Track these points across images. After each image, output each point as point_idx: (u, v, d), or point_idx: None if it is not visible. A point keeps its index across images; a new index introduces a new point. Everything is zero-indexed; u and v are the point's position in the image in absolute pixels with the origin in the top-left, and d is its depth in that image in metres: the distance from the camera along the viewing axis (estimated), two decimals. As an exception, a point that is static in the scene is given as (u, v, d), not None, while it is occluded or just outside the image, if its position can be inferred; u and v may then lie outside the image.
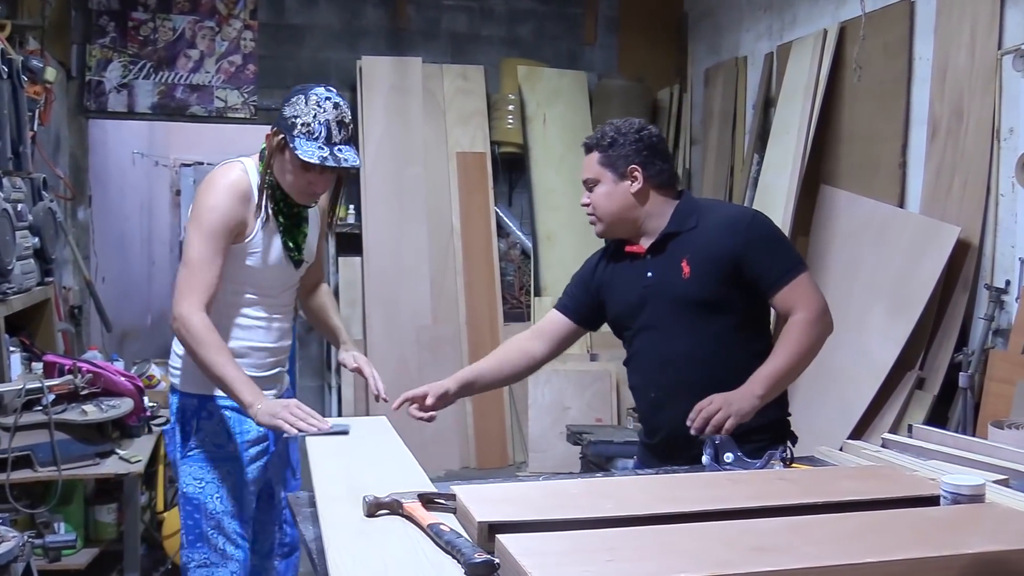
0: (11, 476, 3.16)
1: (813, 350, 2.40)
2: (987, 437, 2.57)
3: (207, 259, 2.40)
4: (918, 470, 2.07)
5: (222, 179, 2.49)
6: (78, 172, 6.15)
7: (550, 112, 6.66)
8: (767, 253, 2.41)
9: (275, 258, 2.58)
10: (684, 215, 2.49)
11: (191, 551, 2.59)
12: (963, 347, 3.99)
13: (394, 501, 1.68)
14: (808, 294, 2.40)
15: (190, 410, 2.58)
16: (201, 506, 2.57)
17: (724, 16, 6.32)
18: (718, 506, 1.66)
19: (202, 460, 2.57)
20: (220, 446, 2.58)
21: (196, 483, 2.57)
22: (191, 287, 2.39)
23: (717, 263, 2.40)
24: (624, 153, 2.47)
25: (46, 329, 4.32)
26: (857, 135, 4.83)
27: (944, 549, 1.41)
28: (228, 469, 2.58)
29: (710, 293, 2.42)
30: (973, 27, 4.05)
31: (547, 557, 1.34)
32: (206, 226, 2.42)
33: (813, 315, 2.38)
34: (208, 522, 2.57)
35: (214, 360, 2.35)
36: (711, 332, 2.43)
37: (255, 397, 2.34)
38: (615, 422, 5.97)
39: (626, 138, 2.48)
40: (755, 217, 2.48)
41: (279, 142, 2.47)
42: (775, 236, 2.46)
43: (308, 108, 2.43)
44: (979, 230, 3.98)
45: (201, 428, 2.58)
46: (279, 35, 6.42)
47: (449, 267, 6.35)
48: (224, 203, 2.45)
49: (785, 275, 2.39)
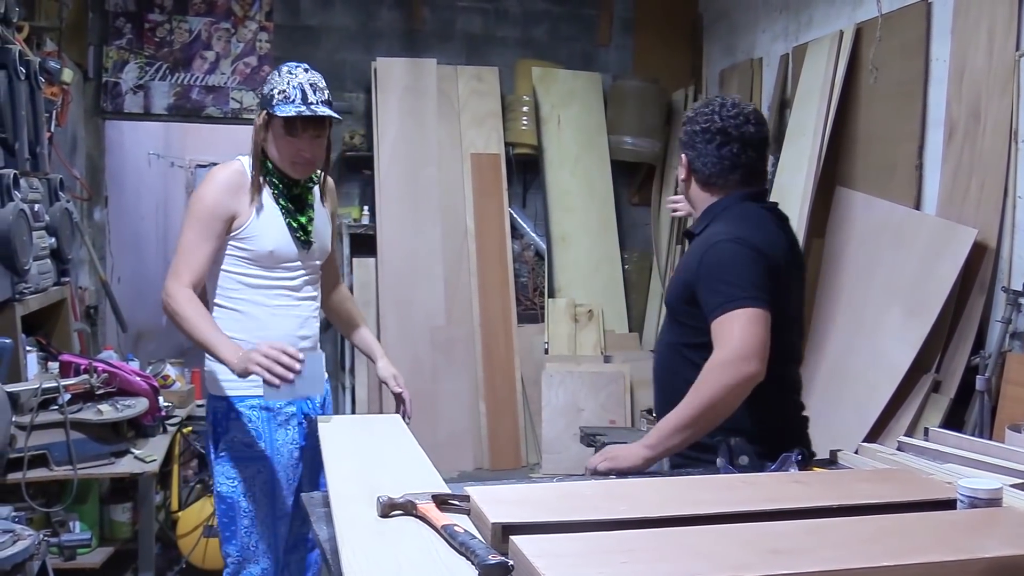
0: (27, 475, 3.17)
1: (720, 403, 2.18)
2: (1004, 441, 2.53)
3: (193, 243, 2.55)
4: (934, 473, 2.06)
5: (217, 173, 2.65)
6: (94, 173, 6.19)
7: (565, 113, 6.68)
8: (709, 282, 2.26)
9: (281, 240, 2.66)
10: (705, 217, 2.44)
11: (227, 547, 2.68)
12: (980, 350, 3.97)
13: (408, 502, 1.68)
14: (729, 334, 2.18)
15: (220, 412, 2.67)
16: (235, 504, 2.65)
17: (739, 17, 6.31)
18: (734, 508, 1.65)
19: (233, 460, 2.66)
20: (249, 446, 2.65)
21: (229, 482, 2.66)
22: (177, 268, 2.53)
23: (687, 277, 2.36)
24: (681, 139, 2.45)
25: (62, 329, 4.34)
26: (873, 137, 4.82)
27: (961, 553, 1.40)
28: (259, 468, 2.66)
29: (674, 302, 2.42)
30: (991, 28, 4.03)
31: (561, 559, 1.34)
32: (193, 213, 2.59)
33: (723, 358, 2.17)
34: (243, 520, 2.65)
35: (194, 325, 2.45)
36: (673, 339, 2.43)
37: (234, 352, 2.40)
38: (629, 424, 5.98)
39: (692, 123, 2.41)
40: (716, 245, 2.30)
41: (263, 119, 2.61)
42: (723, 267, 2.26)
43: (281, 78, 2.59)
44: (996, 232, 3.97)
45: (231, 428, 2.66)
46: (294, 36, 6.45)
47: (463, 268, 6.36)
48: (212, 194, 2.60)
49: (716, 309, 2.22)
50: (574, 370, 6.16)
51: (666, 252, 6.77)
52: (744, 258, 2.25)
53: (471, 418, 6.18)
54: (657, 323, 6.65)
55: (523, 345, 6.40)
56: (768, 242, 2.34)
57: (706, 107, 2.42)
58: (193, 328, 2.45)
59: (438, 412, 6.05)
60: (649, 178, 6.99)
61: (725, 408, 2.18)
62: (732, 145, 2.38)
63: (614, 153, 6.72)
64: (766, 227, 2.39)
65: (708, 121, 2.38)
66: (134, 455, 3.54)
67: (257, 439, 2.66)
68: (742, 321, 2.17)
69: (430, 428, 5.75)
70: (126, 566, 3.81)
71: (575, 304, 6.50)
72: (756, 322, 2.18)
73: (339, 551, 1.52)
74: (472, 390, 6.24)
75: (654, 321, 6.73)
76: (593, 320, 6.47)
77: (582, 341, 6.43)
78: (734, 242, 2.28)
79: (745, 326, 2.17)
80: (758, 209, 2.43)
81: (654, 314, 6.76)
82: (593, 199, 6.70)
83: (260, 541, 2.67)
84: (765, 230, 2.37)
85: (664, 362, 2.47)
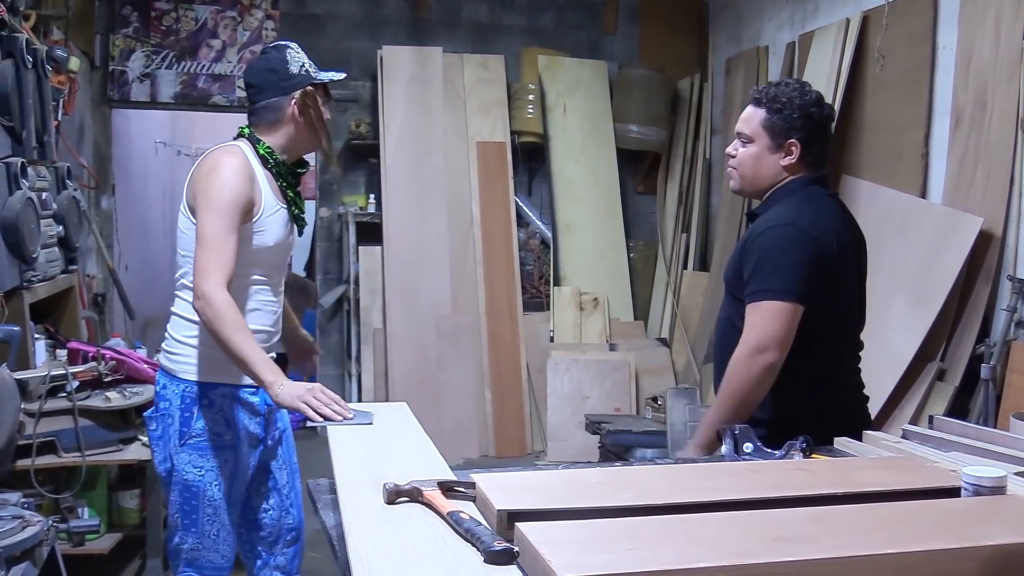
0: (36, 461, 3.20)
1: (747, 391, 2.31)
2: (1008, 429, 2.52)
3: (223, 236, 2.42)
4: (939, 461, 2.05)
5: (228, 159, 2.52)
6: (101, 161, 6.22)
7: (570, 102, 6.68)
8: (753, 265, 2.34)
9: (281, 233, 2.63)
10: (772, 198, 2.46)
11: (184, 533, 2.60)
12: (985, 338, 3.99)
13: (414, 489, 1.68)
14: (756, 323, 2.30)
15: (190, 397, 2.57)
16: (201, 493, 2.58)
17: (745, 5, 6.32)
18: (739, 496, 1.65)
19: (202, 448, 2.57)
20: (219, 434, 2.59)
21: (196, 471, 2.57)
22: (212, 265, 2.39)
23: (737, 256, 2.42)
24: (789, 124, 2.39)
25: (70, 317, 4.37)
26: (879, 125, 4.82)
27: (965, 541, 1.41)
28: (226, 457, 2.60)
29: (731, 280, 2.45)
30: (998, 16, 4.04)
31: (566, 545, 1.34)
32: (220, 204, 2.44)
33: (744, 351, 2.29)
34: (206, 509, 2.59)
35: (236, 339, 2.35)
36: (732, 312, 2.45)
37: (276, 375, 2.35)
38: (633, 412, 6.01)
39: (799, 109, 2.38)
40: (770, 230, 2.36)
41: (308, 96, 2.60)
42: (768, 253, 2.32)
43: (299, 53, 2.62)
44: (1002, 221, 3.98)
45: (202, 416, 2.58)
46: (300, 25, 6.45)
47: (469, 256, 6.39)
48: (234, 181, 2.48)
49: (753, 294, 2.31)
50: (579, 358, 6.18)
51: (671, 240, 6.78)
52: (792, 247, 2.31)
53: (477, 406, 6.21)
54: (662, 312, 6.69)
55: (528, 333, 6.42)
56: (823, 229, 2.36)
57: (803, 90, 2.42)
58: (231, 339, 2.35)
59: (444, 400, 6.08)
60: (654, 166, 6.99)
61: (755, 396, 2.30)
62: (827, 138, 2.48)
63: (619, 141, 6.72)
64: (826, 213, 2.42)
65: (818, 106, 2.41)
66: (142, 442, 3.56)
67: (227, 427, 2.60)
68: (768, 313, 2.27)
69: (436, 416, 5.77)
70: (134, 552, 3.84)
71: (580, 292, 6.52)
72: (780, 316, 2.27)
73: (345, 537, 1.53)
74: (478, 378, 6.25)
75: (659, 309, 6.75)
76: (598, 308, 6.50)
77: (587, 329, 6.45)
78: (786, 228, 2.33)
79: (768, 318, 2.27)
80: (823, 194, 2.47)
81: (659, 302, 6.78)
82: (598, 187, 6.71)
83: (220, 530, 2.62)
84: (824, 216, 2.40)
85: (723, 336, 2.49)
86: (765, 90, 2.45)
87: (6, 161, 3.45)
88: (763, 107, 2.41)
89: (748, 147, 2.44)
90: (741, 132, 2.46)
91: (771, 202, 2.45)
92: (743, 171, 2.47)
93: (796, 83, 2.45)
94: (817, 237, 2.34)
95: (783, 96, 2.39)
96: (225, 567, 2.64)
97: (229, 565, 2.66)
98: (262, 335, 2.60)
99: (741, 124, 2.46)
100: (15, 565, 2.40)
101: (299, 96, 2.58)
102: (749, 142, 2.44)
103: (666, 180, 6.93)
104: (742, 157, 2.46)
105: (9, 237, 3.37)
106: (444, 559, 1.41)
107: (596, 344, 6.38)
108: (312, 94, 2.60)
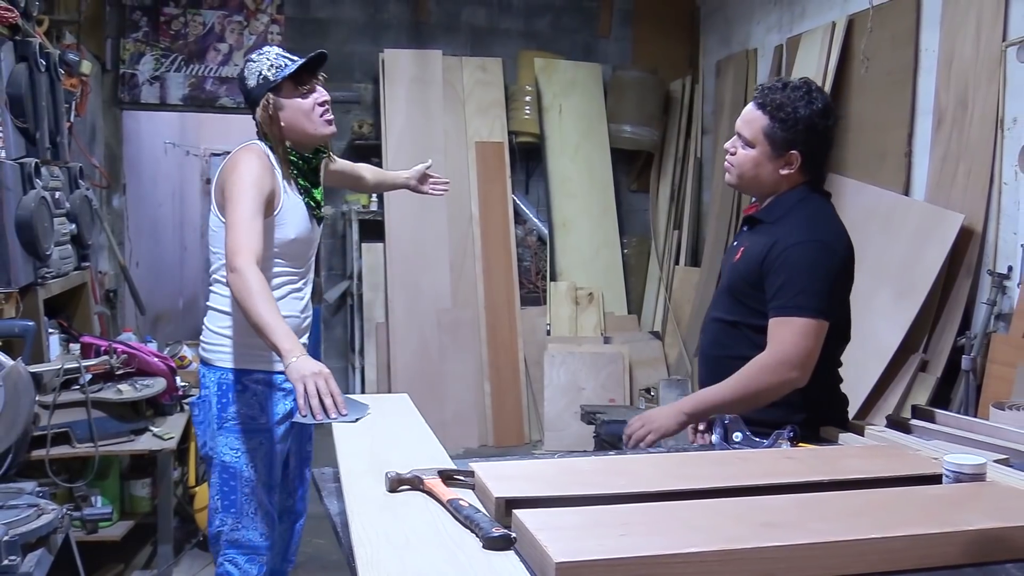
0: (51, 452, 3.25)
1: (760, 396, 2.27)
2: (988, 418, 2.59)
3: (248, 218, 2.46)
4: (921, 450, 2.08)
5: (249, 155, 2.61)
6: (113, 161, 6.29)
7: (566, 103, 6.75)
8: (783, 280, 2.26)
9: (303, 223, 2.68)
10: (777, 207, 2.38)
11: (224, 515, 2.67)
12: (966, 331, 4.06)
13: (415, 477, 1.70)
14: (782, 338, 2.24)
15: (226, 384, 2.66)
16: (238, 474, 2.66)
17: (735, 9, 6.38)
18: (728, 483, 1.68)
19: (238, 431, 2.66)
20: (253, 418, 2.67)
21: (233, 452, 2.65)
22: (244, 243, 2.42)
23: (753, 265, 2.34)
24: (792, 136, 2.30)
25: (83, 312, 4.39)
26: (864, 125, 4.88)
27: (946, 526, 1.44)
28: (260, 440, 2.67)
29: (740, 286, 2.40)
30: (979, 19, 4.10)
31: (562, 531, 1.36)
32: (244, 192, 2.50)
33: (773, 361, 2.24)
34: (243, 488, 2.66)
35: (260, 306, 2.36)
36: (734, 317, 2.44)
37: (293, 346, 2.32)
38: (628, 402, 6.05)
39: (803, 120, 2.28)
40: (801, 244, 2.27)
41: (271, 104, 2.61)
42: (801, 270, 2.25)
43: (260, 59, 2.63)
44: (982, 217, 4.04)
45: (237, 401, 2.66)
46: (305, 29, 6.55)
47: (468, 253, 6.45)
48: (257, 171, 2.55)
49: (783, 308, 2.26)
50: (575, 351, 6.22)
51: (664, 237, 6.83)
52: (821, 265, 2.27)
53: (476, 397, 6.26)
54: (655, 306, 6.73)
55: (526, 327, 6.48)
56: (843, 242, 2.35)
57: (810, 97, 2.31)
58: (256, 306, 2.35)
59: (444, 391, 6.14)
60: (648, 165, 7.06)
61: (761, 402, 2.28)
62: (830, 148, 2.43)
63: (614, 141, 6.79)
64: (838, 223, 2.39)
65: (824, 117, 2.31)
66: (153, 433, 3.66)
67: (261, 412, 2.68)
68: (800, 330, 2.23)
69: (437, 406, 5.83)
70: (146, 539, 3.90)
71: (576, 287, 6.57)
72: (812, 334, 2.24)
73: (349, 524, 1.54)
74: (477, 370, 6.31)
75: (652, 303, 6.79)
76: (593, 303, 6.55)
77: (583, 323, 6.51)
78: (816, 245, 2.28)
79: (800, 335, 2.23)
80: (828, 205, 2.42)
81: (652, 297, 6.83)
82: (593, 186, 6.76)
83: (258, 509, 2.68)
84: (840, 227, 2.38)
85: (716, 337, 2.47)
86: (770, 94, 2.33)
87: (20, 161, 3.46)
88: (767, 114, 2.31)
89: (748, 151, 2.36)
90: (741, 133, 2.37)
91: (777, 211, 2.38)
92: (741, 171, 2.39)
93: (804, 87, 2.32)
94: (840, 252, 2.32)
95: (788, 105, 2.29)
96: (262, 545, 2.70)
97: (267, 543, 2.71)
98: (290, 320, 2.58)
99: (742, 125, 2.37)
100: (31, 552, 2.42)
101: (260, 106, 2.63)
102: (749, 145, 2.36)
103: (659, 178, 6.99)
104: (741, 158, 2.38)
105: (24, 235, 3.36)
106: (444, 545, 1.42)
107: (591, 337, 6.43)
108: (274, 99, 2.61)
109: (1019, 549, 1.42)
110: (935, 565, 1.41)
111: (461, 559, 1.37)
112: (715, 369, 2.43)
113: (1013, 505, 1.57)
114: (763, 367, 2.25)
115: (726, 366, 2.36)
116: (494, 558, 1.38)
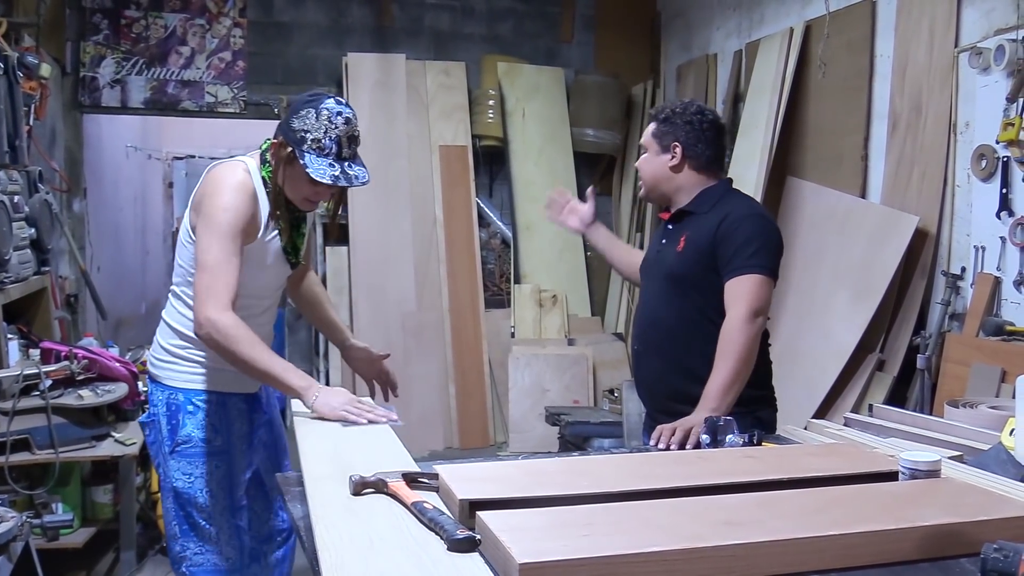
0: (10, 459, 3.21)
1: (751, 351, 2.46)
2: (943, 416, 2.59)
3: (225, 260, 2.31)
4: (878, 447, 2.13)
5: (230, 179, 2.40)
6: (73, 165, 6.21)
7: (529, 107, 6.78)
8: (737, 244, 2.50)
9: (273, 260, 2.53)
10: (706, 199, 2.63)
11: (185, 540, 2.53)
12: (921, 331, 4.12)
13: (379, 480, 1.70)
14: (748, 291, 2.47)
15: (175, 405, 2.51)
16: (191, 500, 2.50)
17: (695, 15, 6.44)
18: (690, 482, 1.71)
19: (191, 455, 2.50)
20: (208, 441, 2.51)
21: (186, 478, 2.50)
22: (213, 290, 2.29)
23: (703, 245, 2.56)
24: (672, 130, 2.63)
25: (43, 317, 4.36)
26: (822, 129, 4.95)
27: (902, 522, 1.47)
28: (216, 463, 2.52)
29: (691, 272, 2.59)
30: (932, 26, 4.18)
31: (526, 532, 1.38)
32: (222, 227, 2.33)
33: (744, 314, 2.45)
34: (200, 515, 2.52)
35: (253, 355, 2.27)
36: (686, 306, 2.60)
37: (306, 381, 2.27)
38: (592, 404, 6.08)
39: (680, 117, 2.63)
40: (751, 217, 2.57)
41: (287, 155, 2.40)
42: (754, 236, 2.52)
43: (319, 123, 2.36)
44: (936, 219, 4.11)
45: (187, 423, 2.50)
46: (267, 32, 6.52)
47: (432, 256, 6.45)
48: (236, 202, 2.37)
49: (740, 268, 2.49)
50: (539, 353, 6.25)
51: (626, 239, 6.80)
52: (772, 234, 2.59)
53: (441, 399, 6.27)
54: (619, 308, 6.75)
55: (490, 329, 6.49)
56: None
57: (688, 104, 2.68)
58: (252, 359, 2.26)
59: (409, 394, 6.05)
60: (610, 169, 7.10)
61: (753, 358, 2.48)
62: (722, 137, 2.71)
63: (576, 145, 6.82)
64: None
65: (699, 114, 2.65)
66: (115, 438, 3.61)
67: (216, 433, 2.52)
68: (759, 283, 2.49)
69: (402, 409, 5.58)
70: (108, 545, 3.85)
71: (540, 290, 6.60)
72: (768, 288, 2.52)
73: (313, 528, 1.54)
74: (442, 372, 6.31)
75: (615, 306, 6.82)
76: (557, 305, 6.57)
77: (547, 325, 6.53)
78: (764, 218, 2.62)
79: (760, 288, 2.49)
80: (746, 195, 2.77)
81: (615, 299, 6.85)
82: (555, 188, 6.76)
83: (220, 532, 2.52)
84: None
85: (673, 333, 2.63)
86: (656, 107, 2.76)
87: (-22, 166, 3.43)
88: (653, 121, 2.70)
89: (644, 156, 2.71)
90: (639, 145, 2.76)
91: (708, 201, 2.62)
92: (644, 178, 2.72)
93: (692, 102, 2.71)
94: (778, 230, 2.64)
95: (670, 108, 2.67)
96: (225, 569, 2.55)
97: (233, 567, 2.56)
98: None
99: (643, 139, 2.72)
100: (-10, 560, 2.39)
101: (281, 144, 2.42)
102: (644, 151, 2.71)
103: (621, 182, 7.02)
104: (640, 164, 2.74)
105: (-18, 240, 3.33)
106: (409, 548, 1.43)
107: (555, 339, 6.45)
108: (293, 156, 2.39)
109: (973, 544, 1.44)
110: (892, 560, 1.44)
111: (426, 562, 1.37)
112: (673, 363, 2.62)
113: (967, 501, 1.61)
114: (736, 325, 2.45)
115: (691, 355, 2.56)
116: (459, 560, 1.38)
